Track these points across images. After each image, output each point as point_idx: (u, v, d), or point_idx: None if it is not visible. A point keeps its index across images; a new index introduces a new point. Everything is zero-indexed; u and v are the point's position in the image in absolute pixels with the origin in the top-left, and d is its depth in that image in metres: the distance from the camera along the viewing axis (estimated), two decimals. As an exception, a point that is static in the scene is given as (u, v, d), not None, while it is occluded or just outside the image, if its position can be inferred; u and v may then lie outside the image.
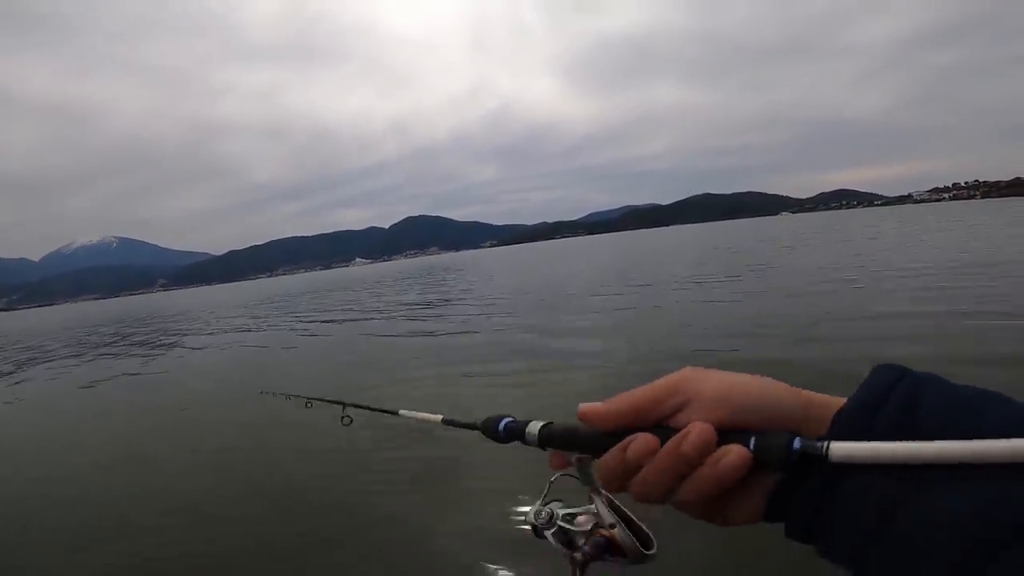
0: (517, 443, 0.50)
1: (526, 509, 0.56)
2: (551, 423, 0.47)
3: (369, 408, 0.99)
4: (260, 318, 18.95)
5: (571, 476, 0.46)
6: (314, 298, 26.09)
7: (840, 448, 0.31)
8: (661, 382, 0.40)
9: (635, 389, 0.40)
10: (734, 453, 0.35)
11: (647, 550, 0.49)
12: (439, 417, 0.66)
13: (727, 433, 0.37)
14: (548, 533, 0.53)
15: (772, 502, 0.36)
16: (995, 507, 0.27)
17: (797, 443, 0.34)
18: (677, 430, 0.38)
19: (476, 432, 0.56)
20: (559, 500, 0.53)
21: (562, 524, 0.52)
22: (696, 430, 0.37)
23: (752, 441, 0.35)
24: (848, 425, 0.34)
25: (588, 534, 0.51)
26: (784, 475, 0.35)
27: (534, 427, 0.48)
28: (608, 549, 0.50)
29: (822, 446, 0.32)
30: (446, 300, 16.69)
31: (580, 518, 0.52)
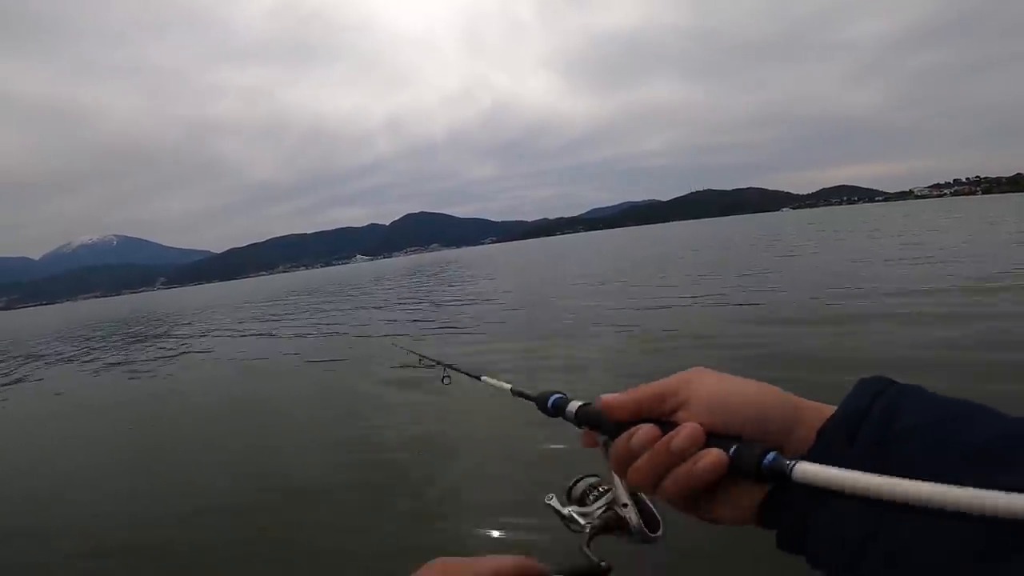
0: (561, 418, 0.54)
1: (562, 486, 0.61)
2: (588, 404, 0.51)
3: (459, 371, 1.11)
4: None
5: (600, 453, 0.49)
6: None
7: (803, 470, 0.32)
8: (669, 379, 0.44)
9: (647, 384, 0.44)
10: (712, 456, 0.37)
11: (652, 532, 0.53)
12: (509, 386, 0.73)
13: (716, 438, 0.39)
14: (584, 484, 0.59)
15: (762, 511, 0.38)
16: (958, 548, 0.27)
17: (770, 458, 0.35)
18: (678, 426, 0.41)
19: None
20: (595, 475, 0.59)
21: (588, 494, 0.58)
22: (687, 429, 0.39)
23: (733, 449, 0.37)
24: (830, 441, 0.36)
25: (604, 509, 0.55)
26: (772, 488, 0.37)
27: (573, 406, 0.52)
28: (616, 525, 0.54)
29: (789, 464, 0.33)
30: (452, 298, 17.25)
31: (605, 491, 0.57)
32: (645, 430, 0.42)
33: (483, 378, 0.89)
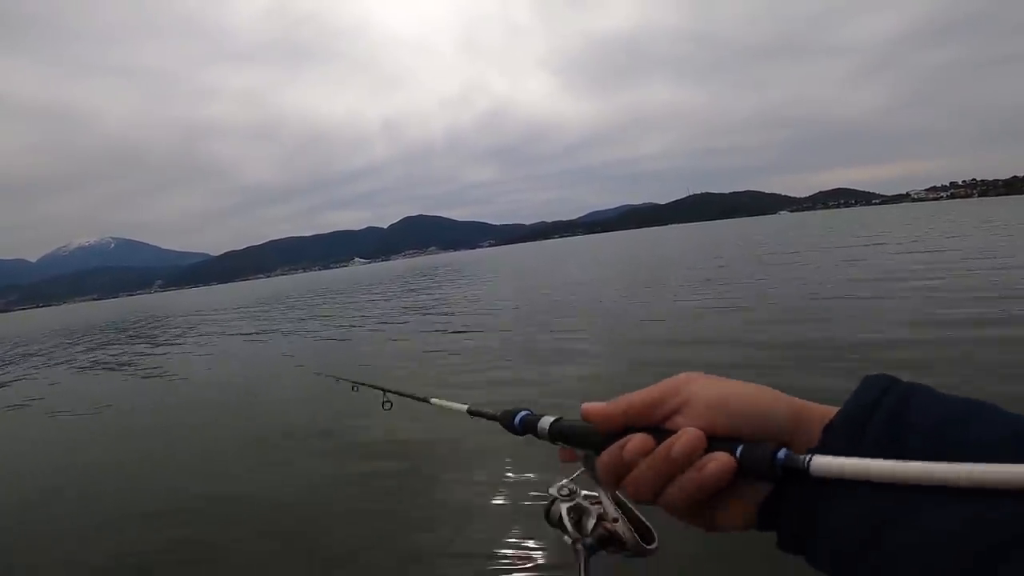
0: (531, 436, 0.51)
1: (547, 491, 0.59)
2: (561, 418, 0.48)
3: (405, 395, 1.04)
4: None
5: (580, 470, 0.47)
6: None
7: (821, 463, 0.31)
8: (660, 385, 0.41)
9: (635, 392, 0.42)
10: (719, 460, 0.36)
11: (648, 544, 0.51)
12: (465, 407, 0.69)
13: (717, 440, 0.37)
14: (564, 507, 0.55)
15: (763, 512, 0.36)
16: (978, 527, 0.27)
17: (782, 455, 0.34)
18: (673, 433, 0.39)
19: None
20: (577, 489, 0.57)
21: (580, 501, 0.55)
22: (687, 435, 0.37)
23: (739, 450, 0.36)
24: (837, 437, 0.35)
25: (595, 525, 0.53)
26: (773, 487, 0.35)
27: (545, 422, 0.49)
28: (610, 541, 0.52)
29: (804, 459, 0.32)
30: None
31: (594, 505, 0.55)
32: (639, 439, 0.40)
33: (432, 400, 0.84)
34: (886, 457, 0.31)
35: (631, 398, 0.41)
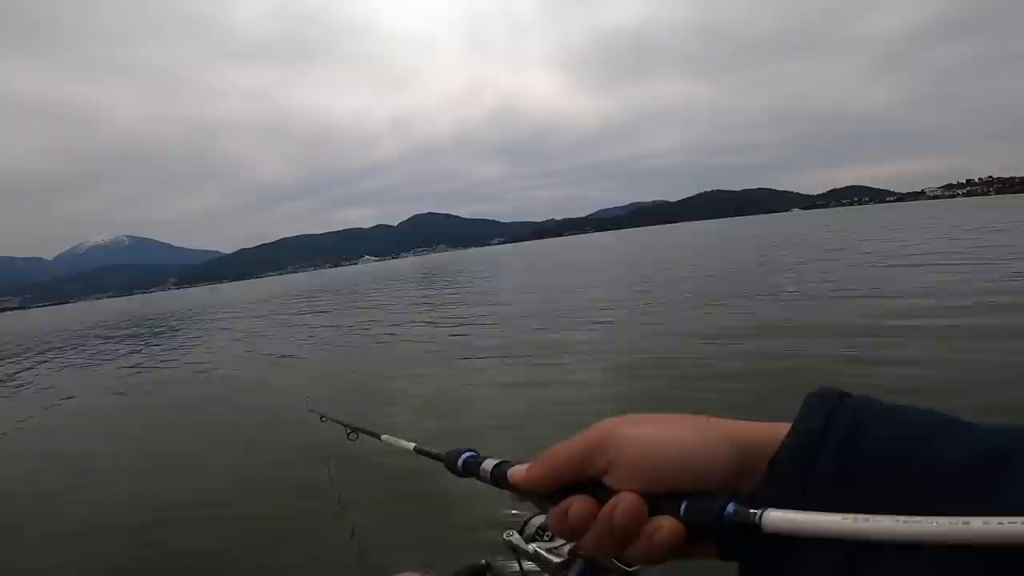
0: (474, 479, 0.48)
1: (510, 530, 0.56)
2: (504, 462, 0.46)
3: (362, 430, 1.04)
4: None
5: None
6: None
7: (774, 518, 0.29)
8: (581, 440, 0.38)
9: (558, 449, 0.39)
10: (665, 528, 0.34)
11: (630, 568, 0.48)
12: (412, 445, 0.68)
13: (658, 500, 0.35)
14: (531, 548, 0.53)
15: (721, 550, 0.35)
16: None
17: (731, 510, 0.32)
18: (612, 490, 0.36)
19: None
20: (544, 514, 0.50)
21: (538, 548, 0.52)
22: (624, 504, 0.35)
23: (683, 508, 0.34)
24: (785, 472, 0.32)
25: (570, 556, 0.50)
26: (724, 537, 0.33)
27: (488, 465, 0.46)
28: (591, 571, 0.50)
29: (755, 515, 0.30)
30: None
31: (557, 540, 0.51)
32: (579, 505, 0.37)
33: (383, 437, 0.86)
34: (840, 491, 0.30)
35: (555, 460, 0.39)
